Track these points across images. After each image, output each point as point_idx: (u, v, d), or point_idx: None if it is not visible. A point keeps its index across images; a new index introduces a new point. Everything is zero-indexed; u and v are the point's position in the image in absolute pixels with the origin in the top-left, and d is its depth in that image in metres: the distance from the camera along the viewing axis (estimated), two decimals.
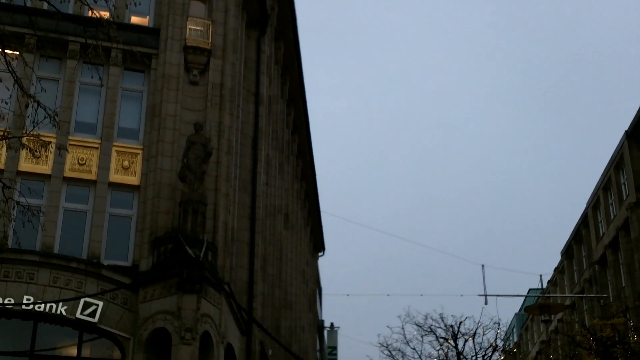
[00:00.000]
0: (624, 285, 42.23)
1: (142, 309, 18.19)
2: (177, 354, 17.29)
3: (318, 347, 51.21)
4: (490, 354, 31.13)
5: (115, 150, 20.26)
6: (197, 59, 21.07)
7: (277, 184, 29.66)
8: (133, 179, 20.15)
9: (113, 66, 20.82)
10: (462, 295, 50.44)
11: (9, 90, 14.01)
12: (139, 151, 20.37)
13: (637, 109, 40.49)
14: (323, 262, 69.97)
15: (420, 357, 31.62)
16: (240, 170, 22.81)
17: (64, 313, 18.04)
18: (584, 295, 45.42)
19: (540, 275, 56.27)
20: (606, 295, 43.24)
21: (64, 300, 17.94)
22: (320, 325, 54.68)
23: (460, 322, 31.13)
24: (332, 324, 57.95)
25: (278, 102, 30.86)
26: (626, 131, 41.93)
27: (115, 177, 20.06)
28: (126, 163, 20.25)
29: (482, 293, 32.24)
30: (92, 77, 18.31)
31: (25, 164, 19.55)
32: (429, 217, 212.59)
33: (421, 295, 44.58)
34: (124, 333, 18.22)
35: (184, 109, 20.58)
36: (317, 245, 49.24)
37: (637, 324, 28.79)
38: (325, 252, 50.86)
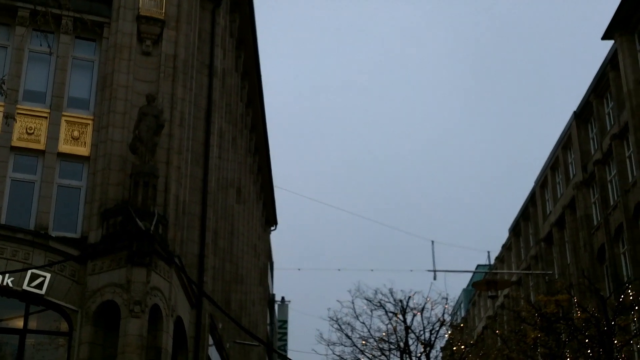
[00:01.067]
0: (568, 262, 43.09)
1: (91, 281, 18.08)
2: (126, 326, 17.23)
3: (269, 320, 51.41)
4: (437, 328, 31.54)
5: (65, 120, 19.99)
6: (150, 29, 20.83)
7: (230, 157, 29.55)
8: (83, 150, 19.93)
9: (64, 34, 20.49)
10: (411, 271, 50.96)
11: None
12: (90, 122, 20.13)
13: (585, 91, 41.14)
14: (275, 236, 70.09)
15: (369, 331, 31.93)
16: (193, 143, 22.68)
17: (10, 285, 17.84)
18: (530, 271, 46.26)
19: (488, 252, 57.20)
20: (551, 272, 44.08)
21: (11, 272, 17.73)
22: (271, 299, 54.85)
23: (409, 297, 31.48)
24: (283, 298, 58.22)
25: (232, 75, 30.66)
26: (574, 112, 42.58)
27: (64, 147, 19.81)
28: (76, 133, 20.00)
29: (431, 268, 32.70)
30: (41, 45, 18.02)
31: None
32: (380, 193, 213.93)
33: (371, 270, 44.98)
34: (72, 305, 18.10)
35: (136, 80, 20.36)
36: (269, 219, 49.26)
37: (581, 300, 29.38)
38: (278, 226, 50.95)
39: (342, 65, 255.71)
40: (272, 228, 50.53)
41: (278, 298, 57.91)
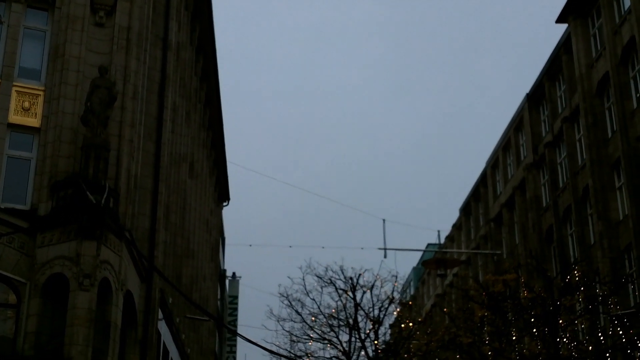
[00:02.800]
0: (517, 242, 43.77)
1: (40, 253, 17.91)
2: (75, 300, 17.14)
3: (219, 296, 51.41)
4: (387, 306, 31.86)
5: (16, 91, 19.67)
6: (104, 0, 20.53)
7: (183, 132, 29.38)
8: (33, 121, 19.64)
9: (15, 3, 20.13)
10: (362, 249, 51.35)
11: None
12: (41, 92, 19.83)
13: (539, 73, 41.64)
14: (227, 212, 69.93)
15: (319, 307, 32.12)
16: (146, 116, 22.49)
17: None
18: (479, 251, 46.89)
19: (439, 231, 57.73)
20: (500, 252, 44.76)
21: None
22: (222, 275, 54.83)
23: (360, 275, 31.71)
24: (234, 274, 58.21)
25: (187, 49, 30.41)
26: (527, 94, 43.10)
27: (14, 118, 19.51)
28: (27, 104, 19.70)
29: (382, 247, 32.91)
30: None
31: None
32: (332, 171, 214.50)
33: (323, 247, 45.13)
34: (20, 277, 17.91)
35: (89, 51, 20.10)
36: (222, 195, 49.12)
37: (528, 280, 29.89)
38: (230, 202, 50.83)
39: (294, 39, 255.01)
40: (225, 204, 50.41)
41: (229, 274, 57.91)
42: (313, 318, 32.04)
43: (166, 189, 24.58)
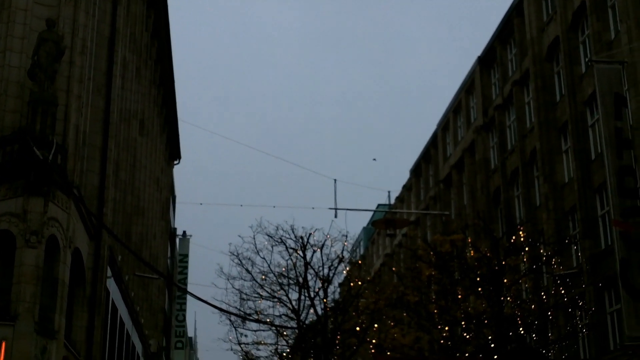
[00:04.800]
0: (465, 203, 44.37)
1: None
2: (22, 257, 16.99)
3: (169, 254, 51.32)
4: (336, 265, 32.11)
5: None
6: None
7: (133, 88, 29.05)
8: None
9: None
10: (313, 208, 51.53)
11: None
12: None
13: (490, 36, 41.90)
14: (178, 171, 69.56)
15: (269, 266, 32.23)
16: (95, 72, 22.19)
17: None
18: (428, 212, 47.43)
19: (389, 192, 58.26)
20: (448, 213, 45.34)
21: None
22: (172, 233, 54.67)
23: (310, 234, 31.85)
24: (184, 232, 58.08)
25: (137, 3, 29.95)
26: (479, 57, 43.39)
27: None
28: None
29: (333, 206, 33.02)
30: None
31: None
32: (284, 130, 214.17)
33: (274, 206, 45.24)
34: None
35: (36, 4, 19.66)
36: (173, 153, 48.81)
37: (475, 240, 30.38)
38: (181, 160, 50.56)
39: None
40: (176, 162, 50.14)
41: (179, 232, 57.78)
42: (263, 277, 32.18)
43: (116, 146, 24.36)
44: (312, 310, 31.75)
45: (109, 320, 24.13)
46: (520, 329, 26.31)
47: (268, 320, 32.02)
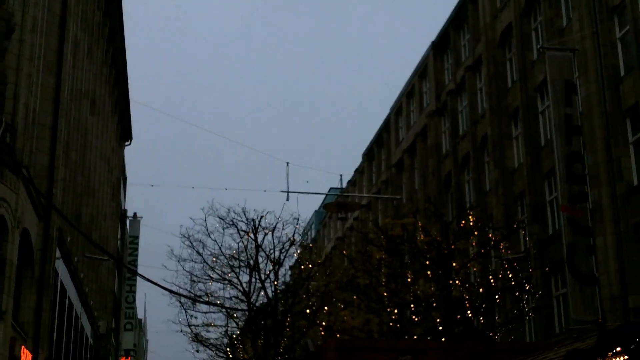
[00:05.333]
0: (416, 188, 44.75)
1: None
2: None
3: (119, 236, 50.92)
4: (287, 247, 32.21)
5: None
6: None
7: (84, 67, 28.69)
8: None
9: None
10: (265, 191, 51.56)
11: None
12: None
13: (444, 21, 42.18)
14: (129, 151, 68.90)
15: (220, 248, 32.20)
16: (45, 50, 21.86)
17: None
18: (380, 195, 47.73)
19: (341, 175, 58.40)
20: (400, 197, 45.68)
21: None
22: (123, 215, 54.22)
23: (262, 217, 31.87)
24: (135, 214, 57.59)
25: None
26: (432, 42, 43.66)
27: None
28: None
29: (285, 189, 33.08)
30: None
31: None
32: (237, 113, 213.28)
33: (225, 189, 45.16)
34: None
35: None
36: (124, 133, 48.35)
37: (425, 224, 30.67)
38: (132, 141, 50.07)
39: None
40: (127, 143, 49.68)
41: (130, 214, 57.30)
42: (214, 259, 32.15)
43: (66, 125, 24.07)
44: (262, 293, 31.87)
45: (58, 301, 23.94)
46: (468, 312, 26.70)
47: (218, 302, 32.03)
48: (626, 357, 11.40)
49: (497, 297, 27.80)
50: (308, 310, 32.35)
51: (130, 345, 54.28)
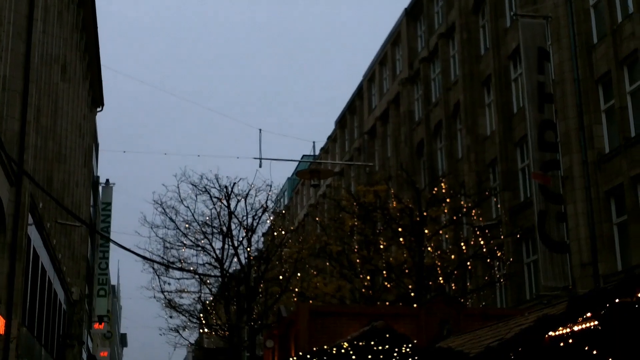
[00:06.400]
0: (389, 155, 44.88)
1: None
2: None
3: (92, 202, 50.64)
4: (260, 214, 32.22)
5: None
6: None
7: (55, 32, 28.30)
8: None
9: None
10: (238, 158, 51.39)
11: None
12: None
13: None
14: (101, 118, 68.37)
15: (193, 215, 32.14)
16: (15, 15, 21.53)
17: None
18: (352, 163, 47.82)
19: (314, 142, 58.34)
20: (372, 164, 45.77)
21: None
22: (95, 181, 53.86)
23: (234, 183, 31.81)
24: (107, 180, 57.23)
25: None
26: (405, 9, 43.54)
27: None
28: None
29: (258, 156, 32.98)
30: None
31: None
32: (210, 79, 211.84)
33: (198, 155, 44.93)
34: None
35: None
36: (96, 99, 47.84)
37: (398, 192, 30.86)
38: (104, 107, 49.58)
39: None
40: (99, 109, 49.17)
41: (102, 180, 56.95)
42: (187, 225, 32.11)
43: (37, 91, 23.79)
44: (235, 259, 31.93)
45: (31, 267, 23.85)
46: (440, 278, 26.98)
47: (191, 268, 32.05)
48: (596, 322, 11.59)
49: (468, 263, 28.11)
50: (281, 277, 32.50)
51: (103, 311, 54.23)
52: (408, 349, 13.43)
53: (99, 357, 59.30)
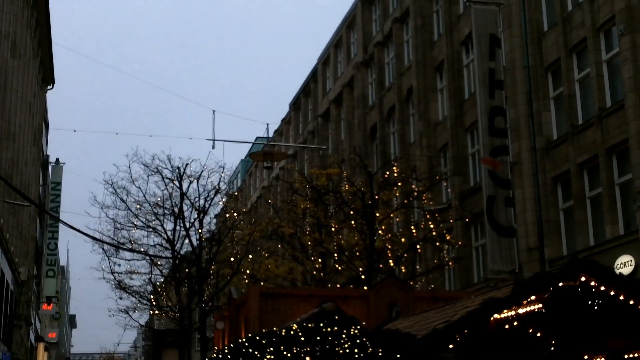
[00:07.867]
0: (342, 138, 45.02)
1: None
2: None
3: (41, 182, 49.97)
4: (213, 196, 32.11)
5: None
6: None
7: (5, 8, 27.82)
8: None
9: None
10: (190, 139, 51.07)
11: None
12: None
13: None
14: (51, 96, 67.42)
15: (144, 196, 31.90)
16: None
17: None
18: (306, 145, 47.87)
19: (267, 124, 58.23)
20: (326, 147, 45.90)
21: None
22: (45, 160, 53.13)
23: (187, 164, 31.64)
24: (57, 160, 56.49)
25: None
26: None
27: None
28: None
29: (211, 137, 32.80)
30: None
31: None
32: (163, 58, 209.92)
33: (150, 135, 44.58)
34: None
35: None
36: (47, 77, 47.14)
37: (350, 175, 30.99)
38: (55, 85, 48.86)
39: None
40: (49, 87, 48.45)
41: (52, 159, 56.19)
42: (138, 206, 31.86)
43: None
44: (187, 241, 31.80)
45: None
46: (390, 261, 27.23)
47: (142, 249, 31.87)
48: (540, 305, 11.85)
49: (418, 247, 28.40)
50: (232, 259, 32.46)
51: (52, 292, 53.61)
52: (357, 331, 13.55)
53: (47, 339, 58.66)
